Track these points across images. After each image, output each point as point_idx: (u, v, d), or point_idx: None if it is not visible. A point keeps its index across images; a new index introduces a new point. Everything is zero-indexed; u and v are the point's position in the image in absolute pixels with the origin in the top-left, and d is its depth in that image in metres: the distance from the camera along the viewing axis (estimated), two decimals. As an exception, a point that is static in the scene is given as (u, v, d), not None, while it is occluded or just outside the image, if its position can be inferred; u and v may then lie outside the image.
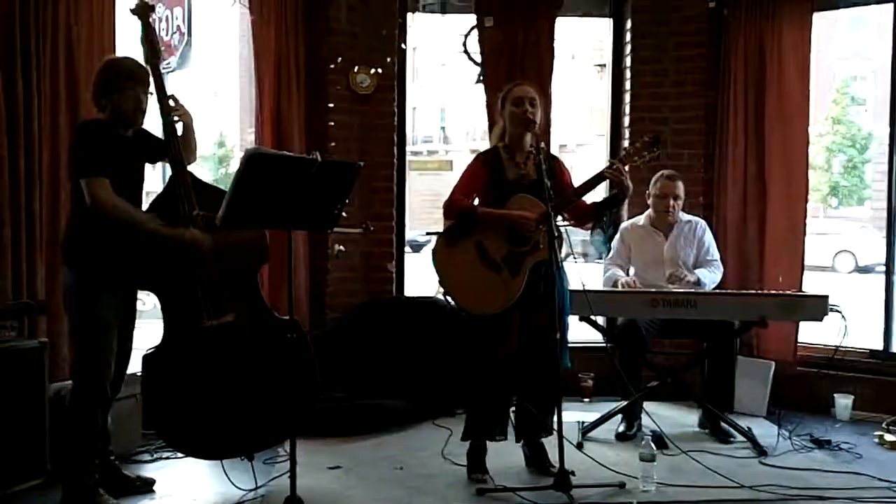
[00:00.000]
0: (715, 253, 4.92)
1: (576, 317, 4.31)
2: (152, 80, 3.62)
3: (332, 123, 5.46)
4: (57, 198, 4.14)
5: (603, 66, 28.05)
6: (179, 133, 3.71)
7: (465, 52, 5.76)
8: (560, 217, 3.91)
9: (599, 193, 4.31)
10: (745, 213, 5.49)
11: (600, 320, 4.75)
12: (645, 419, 4.70)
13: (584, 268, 4.11)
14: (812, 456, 4.37)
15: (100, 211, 3.39)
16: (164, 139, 3.68)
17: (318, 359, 3.92)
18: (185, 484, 3.88)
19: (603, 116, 6.30)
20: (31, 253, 4.09)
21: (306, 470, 3.59)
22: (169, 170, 3.75)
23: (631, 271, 4.96)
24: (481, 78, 5.65)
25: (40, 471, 3.75)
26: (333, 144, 5.36)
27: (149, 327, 4.13)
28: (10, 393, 3.64)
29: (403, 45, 5.70)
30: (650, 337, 4.72)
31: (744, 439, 4.50)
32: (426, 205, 5.90)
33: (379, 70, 5.53)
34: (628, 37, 5.75)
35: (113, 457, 3.78)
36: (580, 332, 5.04)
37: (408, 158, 5.98)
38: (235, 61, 27.29)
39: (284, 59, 5.20)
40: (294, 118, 5.25)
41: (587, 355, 5.39)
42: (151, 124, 3.72)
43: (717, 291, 4.73)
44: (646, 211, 4.99)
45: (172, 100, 3.68)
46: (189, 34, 7.16)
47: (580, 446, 4.40)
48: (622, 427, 4.66)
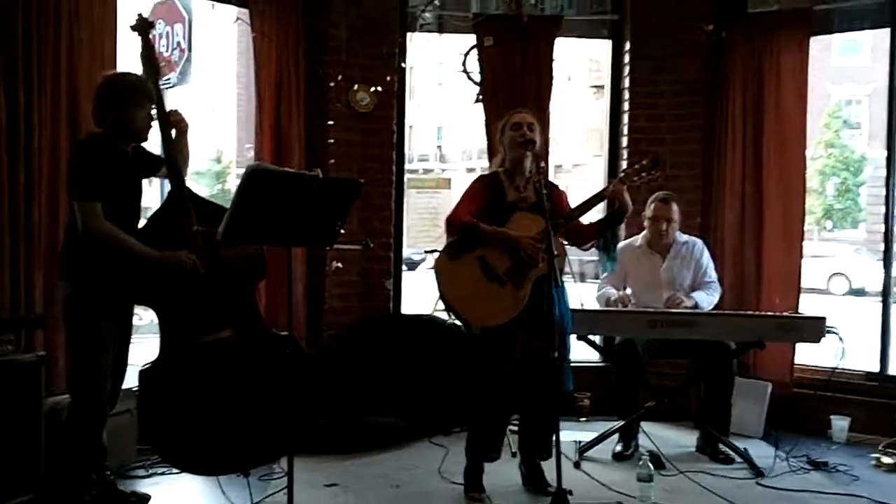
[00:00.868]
0: (712, 274, 4.92)
1: (574, 335, 4.32)
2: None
3: (332, 141, 5.47)
4: (56, 211, 4.12)
5: (599, 88, 28.21)
6: (174, 138, 3.72)
7: (465, 72, 5.78)
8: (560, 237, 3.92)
9: (597, 213, 4.32)
10: (742, 235, 5.51)
11: (597, 339, 4.76)
12: (642, 439, 4.71)
13: (582, 287, 4.11)
14: (809, 477, 4.36)
15: (90, 236, 3.41)
16: (164, 155, 3.69)
17: (315, 375, 3.91)
18: (181, 500, 3.87)
19: (599, 137, 6.33)
20: (30, 266, 4.07)
21: (302, 487, 3.58)
22: (166, 185, 3.76)
23: (628, 291, 4.97)
24: (480, 97, 5.68)
25: (34, 485, 3.70)
26: (333, 161, 5.37)
27: (144, 343, 4.12)
28: (6, 406, 3.60)
29: (403, 64, 5.73)
30: (648, 357, 4.72)
31: (741, 460, 4.50)
32: (424, 223, 5.90)
33: (378, 88, 5.56)
34: (627, 58, 5.79)
35: (109, 472, 3.76)
36: (578, 352, 5.05)
37: (406, 176, 5.99)
38: (233, 78, 27.41)
39: (285, 76, 5.23)
40: (294, 135, 5.26)
41: (584, 374, 5.38)
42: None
43: (716, 312, 4.73)
44: (642, 232, 5.00)
45: (172, 113, 3.70)
46: (189, 50, 7.20)
47: (577, 465, 4.41)
48: (619, 447, 4.66)
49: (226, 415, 3.61)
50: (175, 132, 3.73)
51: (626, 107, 5.78)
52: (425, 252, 6.01)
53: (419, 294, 6.59)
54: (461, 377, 4.14)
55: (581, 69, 28.67)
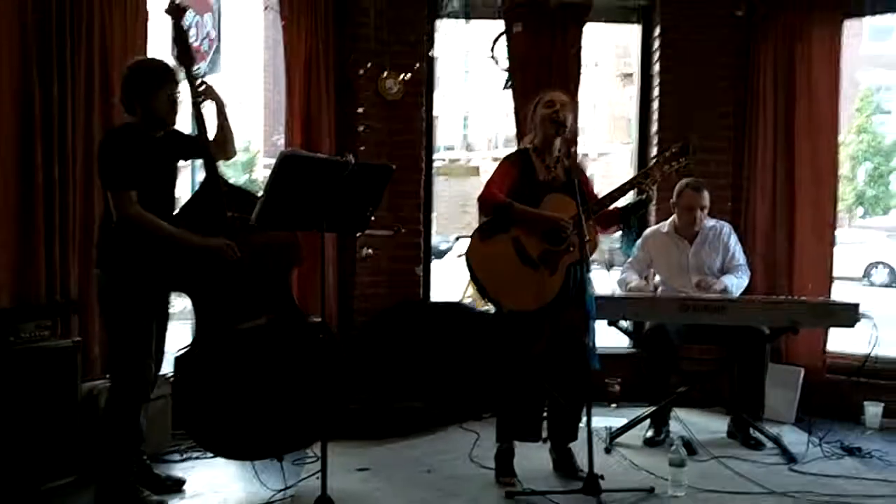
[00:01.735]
0: (741, 257, 4.89)
1: (604, 321, 4.32)
2: (186, 80, 3.64)
3: (362, 129, 5.49)
4: (90, 199, 4.16)
5: (627, 76, 28.05)
6: (214, 123, 3.72)
7: (493, 58, 5.76)
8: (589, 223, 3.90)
9: (624, 199, 4.31)
10: (774, 220, 5.47)
11: (627, 325, 4.75)
12: (673, 425, 4.69)
13: (610, 274, 4.11)
14: (842, 463, 4.34)
15: (126, 225, 3.42)
16: (198, 141, 3.71)
17: (347, 361, 3.93)
18: (215, 484, 3.91)
19: (626, 126, 6.30)
20: (65, 253, 4.12)
21: (335, 471, 3.60)
22: (197, 173, 3.77)
23: (656, 278, 4.96)
24: (509, 84, 5.66)
25: (72, 469, 3.78)
26: (363, 149, 5.38)
27: (179, 329, 4.16)
28: (43, 392, 3.67)
29: (431, 52, 5.73)
30: (679, 342, 4.70)
31: (773, 446, 4.48)
32: (452, 210, 5.93)
33: (407, 76, 5.57)
34: (657, 44, 5.76)
35: (145, 456, 3.81)
36: (608, 338, 5.04)
37: (434, 164, 5.99)
38: (260, 68, 27.51)
39: (315, 65, 5.24)
40: (324, 123, 5.28)
41: (614, 361, 5.38)
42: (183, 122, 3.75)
43: (748, 297, 4.70)
44: (669, 218, 4.97)
45: (205, 87, 3.70)
46: (219, 40, 7.23)
47: (608, 451, 4.41)
48: (650, 433, 4.64)
49: (261, 401, 3.65)
50: (214, 103, 3.72)
51: (656, 93, 5.74)
52: (456, 238, 6.05)
53: (447, 282, 6.63)
54: (491, 361, 4.14)
55: (608, 56, 28.50)
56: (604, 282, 4.06)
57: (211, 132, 3.75)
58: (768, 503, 3.72)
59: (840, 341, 5.32)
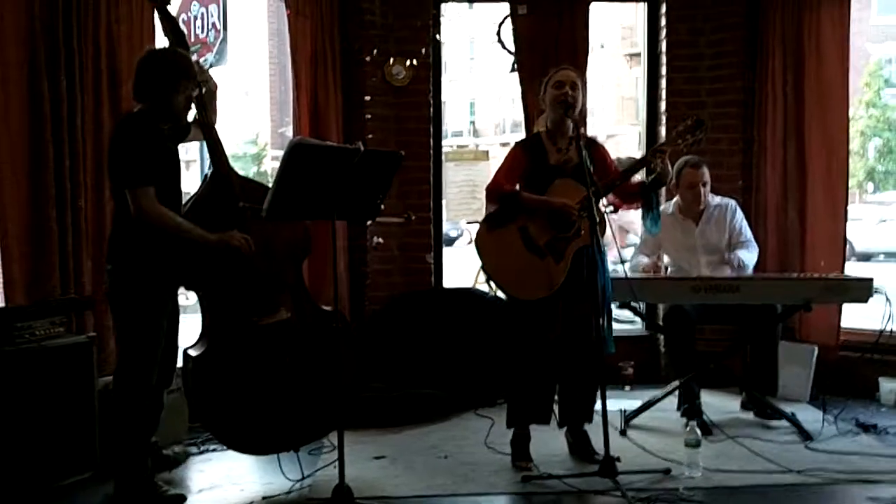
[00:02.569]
0: (747, 233, 4.86)
1: (616, 303, 4.32)
2: None
3: (369, 116, 5.49)
4: (101, 193, 4.17)
5: (633, 56, 27.93)
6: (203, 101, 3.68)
7: (499, 41, 5.74)
8: (604, 201, 3.89)
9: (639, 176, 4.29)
10: (785, 197, 5.43)
11: (640, 307, 4.73)
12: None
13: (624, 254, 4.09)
14: (858, 440, 4.32)
15: (145, 222, 3.34)
16: (204, 133, 3.69)
17: (359, 350, 3.93)
18: (233, 475, 3.92)
19: (634, 106, 6.28)
20: (78, 249, 4.14)
21: (352, 460, 3.61)
22: (205, 165, 3.76)
23: (665, 259, 4.94)
24: (515, 67, 5.64)
25: (90, 464, 3.80)
26: (370, 136, 5.38)
27: (190, 322, 4.17)
28: (60, 387, 3.69)
29: (438, 37, 5.71)
30: (696, 321, 4.67)
31: (788, 424, 4.46)
32: (462, 196, 5.91)
33: (414, 62, 5.55)
34: (663, 21, 5.71)
35: (156, 440, 3.82)
36: (621, 320, 5.04)
37: (443, 149, 5.98)
38: (265, 60, 27.53)
39: (321, 53, 5.24)
40: (331, 111, 5.28)
41: (628, 343, 5.38)
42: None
43: (760, 275, 4.68)
44: (673, 199, 4.95)
45: (197, 66, 3.65)
46: (224, 30, 7.22)
47: (623, 433, 4.40)
48: (686, 406, 4.56)
49: (282, 394, 3.66)
50: (204, 90, 3.67)
51: (664, 71, 5.70)
52: (467, 223, 6.05)
53: (457, 269, 6.63)
54: (504, 348, 4.13)
55: (614, 37, 28.38)
56: (617, 262, 4.03)
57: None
58: (785, 481, 3.71)
59: (854, 318, 5.28)
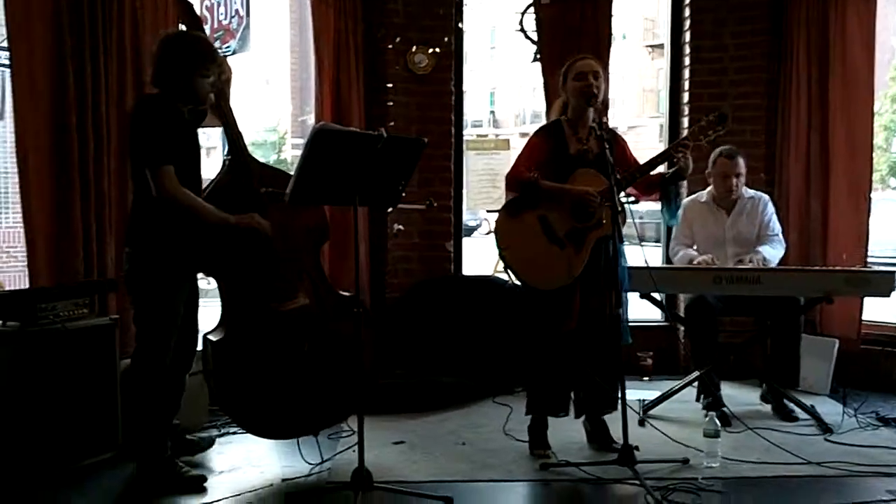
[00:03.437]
0: (776, 227, 4.82)
1: (636, 294, 4.31)
2: None
3: (391, 103, 5.51)
4: (125, 177, 4.17)
5: (655, 47, 27.79)
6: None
7: (522, 31, 5.73)
8: (623, 193, 3.88)
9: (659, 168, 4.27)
10: (808, 189, 5.41)
11: (660, 297, 4.72)
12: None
13: (644, 249, 4.07)
14: (878, 433, 4.30)
15: (166, 201, 3.36)
16: (223, 119, 3.70)
17: (379, 336, 3.95)
18: (252, 458, 3.94)
19: (655, 98, 6.25)
20: (101, 232, 4.18)
21: (371, 445, 3.63)
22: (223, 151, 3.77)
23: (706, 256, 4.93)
24: (537, 56, 5.64)
25: (112, 444, 3.84)
26: (392, 124, 5.38)
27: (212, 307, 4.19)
28: (83, 369, 3.72)
29: (460, 25, 5.71)
30: (718, 312, 4.65)
31: (808, 417, 4.45)
32: (483, 184, 5.91)
33: (436, 50, 5.55)
34: (687, 12, 5.69)
35: (177, 422, 3.85)
36: (640, 311, 5.03)
37: (464, 138, 5.98)
38: (286, 48, 27.54)
39: (343, 40, 5.25)
40: (353, 98, 5.30)
41: (647, 334, 5.38)
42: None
43: (782, 268, 4.66)
44: (707, 188, 4.93)
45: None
46: (247, 16, 7.24)
47: (642, 423, 4.40)
48: (708, 400, 4.55)
49: (302, 379, 3.69)
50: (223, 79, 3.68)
51: (687, 62, 5.68)
52: (487, 212, 6.03)
53: (476, 259, 6.64)
54: (522, 336, 4.14)
55: (636, 29, 28.25)
56: (639, 255, 4.01)
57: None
58: (804, 472, 3.70)
59: (876, 311, 5.26)
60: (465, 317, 5.28)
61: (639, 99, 29.58)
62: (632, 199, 4.04)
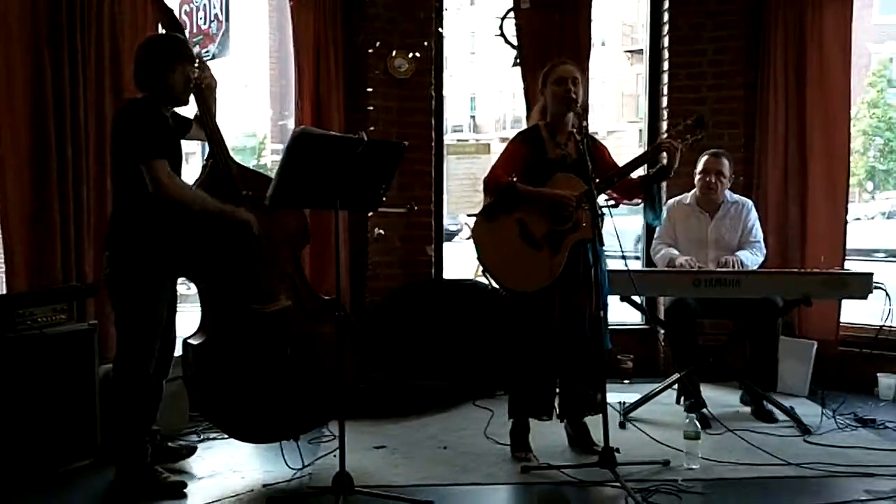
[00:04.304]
0: (758, 234, 4.86)
1: (616, 297, 4.33)
2: None
3: (371, 108, 5.49)
4: (104, 183, 4.17)
5: (633, 53, 27.91)
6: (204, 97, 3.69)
7: (502, 35, 5.75)
8: (603, 196, 3.89)
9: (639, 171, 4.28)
10: (786, 193, 5.44)
11: (640, 300, 4.74)
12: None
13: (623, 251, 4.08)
14: (857, 434, 4.34)
15: (163, 195, 3.34)
16: (203, 121, 3.69)
17: (360, 340, 3.94)
18: (233, 463, 3.93)
19: (634, 103, 6.28)
20: (79, 236, 4.14)
21: (352, 449, 3.61)
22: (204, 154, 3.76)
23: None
24: (517, 61, 5.65)
25: (91, 450, 3.81)
26: (372, 129, 5.38)
27: (190, 312, 4.18)
28: (62, 375, 3.69)
29: (440, 29, 5.72)
30: (697, 315, 4.68)
31: (787, 418, 4.48)
32: (464, 189, 5.92)
33: (416, 54, 5.56)
34: (665, 17, 5.73)
35: (158, 429, 3.84)
36: (620, 314, 5.04)
37: (445, 142, 5.99)
38: (265, 53, 27.47)
39: (323, 44, 5.24)
40: (333, 103, 5.28)
41: (627, 336, 5.39)
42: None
43: (761, 270, 4.69)
44: (692, 190, 4.96)
45: (199, 61, 3.68)
46: (227, 21, 7.21)
47: (623, 426, 4.42)
48: (689, 402, 4.57)
49: (283, 383, 3.67)
50: (204, 86, 3.69)
51: (666, 66, 5.71)
52: (467, 216, 6.04)
53: (457, 263, 6.64)
54: (502, 339, 4.14)
55: (615, 34, 28.37)
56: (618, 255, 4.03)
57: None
58: (783, 473, 3.73)
59: (853, 313, 5.30)
60: (446, 321, 5.28)
61: (618, 104, 29.69)
62: (611, 203, 4.06)
